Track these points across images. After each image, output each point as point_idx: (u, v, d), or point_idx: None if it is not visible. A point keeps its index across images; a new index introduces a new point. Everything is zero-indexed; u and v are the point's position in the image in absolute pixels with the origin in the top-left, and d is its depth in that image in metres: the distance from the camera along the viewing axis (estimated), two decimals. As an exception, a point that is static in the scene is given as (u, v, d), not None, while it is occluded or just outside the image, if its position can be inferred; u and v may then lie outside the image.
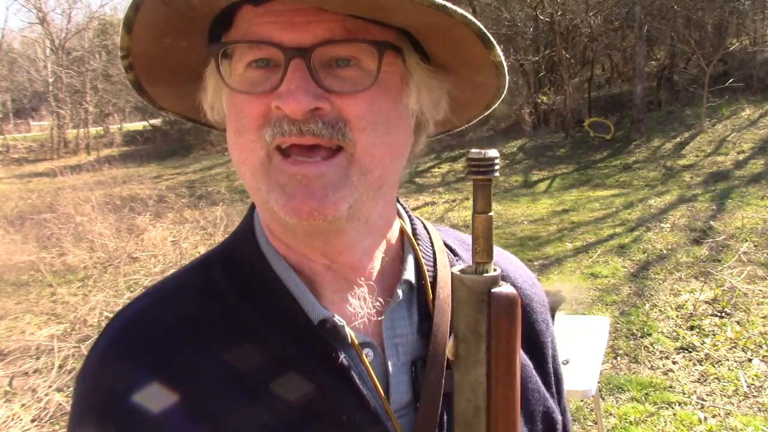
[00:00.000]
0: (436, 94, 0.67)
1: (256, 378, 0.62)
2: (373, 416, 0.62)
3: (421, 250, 0.71)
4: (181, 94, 0.72)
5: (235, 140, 0.62)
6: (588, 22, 15.59)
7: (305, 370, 0.62)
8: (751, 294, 5.08)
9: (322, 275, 0.66)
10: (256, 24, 0.59)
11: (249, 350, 0.62)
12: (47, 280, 7.31)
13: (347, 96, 0.58)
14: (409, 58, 0.63)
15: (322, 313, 0.63)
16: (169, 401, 0.61)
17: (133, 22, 0.60)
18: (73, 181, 16.55)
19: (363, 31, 0.58)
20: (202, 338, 0.63)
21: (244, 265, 0.68)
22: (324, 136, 0.58)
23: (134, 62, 0.65)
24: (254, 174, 0.61)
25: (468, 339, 0.37)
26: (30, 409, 4.22)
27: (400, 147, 0.65)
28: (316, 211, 0.58)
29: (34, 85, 39.99)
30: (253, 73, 0.60)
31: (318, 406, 0.61)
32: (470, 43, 0.59)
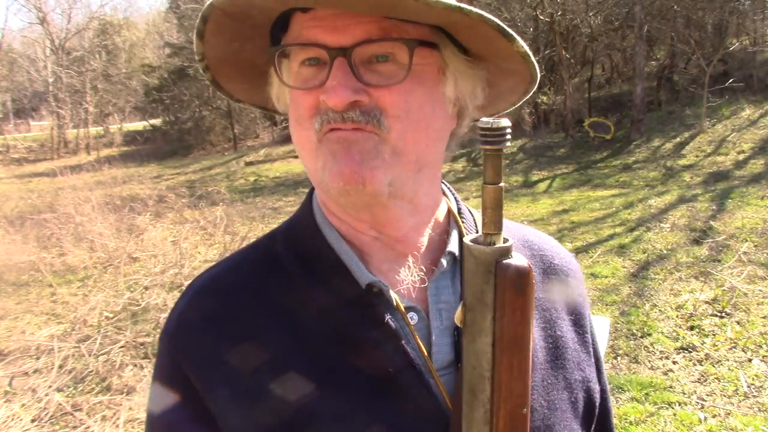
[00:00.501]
0: (473, 81, 0.74)
1: (311, 336, 0.70)
2: (417, 373, 0.68)
3: (466, 227, 0.78)
4: (253, 87, 0.81)
5: (295, 128, 0.72)
6: (588, 22, 15.59)
7: (354, 329, 0.70)
8: (751, 294, 5.08)
9: (370, 245, 0.74)
10: (306, 28, 0.68)
11: (305, 311, 0.71)
12: (47, 280, 7.31)
13: (383, 88, 0.66)
14: (445, 50, 0.70)
15: (368, 278, 0.71)
16: (236, 355, 0.70)
17: (203, 32, 0.71)
18: (73, 181, 16.54)
19: (397, 30, 0.66)
20: (265, 301, 0.73)
21: (302, 237, 0.77)
22: (362, 122, 0.66)
23: (209, 64, 0.76)
24: (311, 155, 0.70)
25: (474, 308, 0.38)
26: (30, 409, 4.22)
27: (436, 132, 0.72)
28: (356, 173, 0.66)
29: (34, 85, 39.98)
30: (305, 70, 0.70)
31: (366, 362, 0.69)
32: (494, 37, 0.67)
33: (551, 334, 0.78)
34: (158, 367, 0.77)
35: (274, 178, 16.13)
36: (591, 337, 0.84)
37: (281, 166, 17.53)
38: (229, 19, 0.69)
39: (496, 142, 0.38)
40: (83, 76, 29.50)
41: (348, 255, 0.73)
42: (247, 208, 11.48)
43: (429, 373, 0.69)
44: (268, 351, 0.70)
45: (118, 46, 32.96)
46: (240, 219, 10.25)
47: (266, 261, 0.77)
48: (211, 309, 0.74)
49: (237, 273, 0.78)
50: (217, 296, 0.75)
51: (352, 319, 0.70)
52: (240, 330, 0.72)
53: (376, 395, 0.68)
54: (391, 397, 0.68)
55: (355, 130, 0.67)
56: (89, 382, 4.62)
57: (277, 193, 13.66)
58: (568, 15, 15.50)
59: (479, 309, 0.38)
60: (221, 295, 0.75)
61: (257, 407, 0.69)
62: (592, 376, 0.81)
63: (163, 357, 0.76)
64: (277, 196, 13.19)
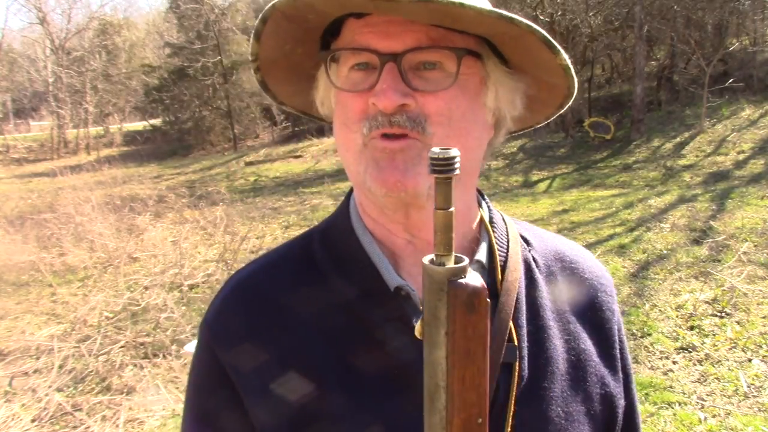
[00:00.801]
0: (512, 93, 0.76)
1: (340, 335, 0.73)
2: None
3: (496, 236, 0.80)
4: (297, 91, 0.84)
5: (340, 130, 0.74)
6: (588, 22, 15.59)
7: (382, 331, 0.72)
8: (751, 294, 5.08)
9: (402, 248, 0.76)
10: (358, 34, 0.70)
11: (336, 310, 0.74)
12: (47, 280, 7.31)
13: (430, 94, 0.69)
14: (488, 61, 0.73)
15: (397, 281, 0.73)
16: (267, 350, 0.74)
17: (261, 33, 0.73)
18: (73, 181, 16.55)
19: (445, 40, 0.69)
20: (299, 300, 0.76)
21: (336, 238, 0.80)
22: (407, 128, 0.68)
23: (261, 65, 0.79)
24: (355, 157, 0.72)
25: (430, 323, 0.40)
26: (30, 409, 4.23)
27: (475, 140, 0.75)
28: (400, 182, 0.68)
29: (34, 85, 39.99)
30: (355, 74, 0.72)
31: (392, 364, 0.70)
32: (538, 49, 0.69)
33: (574, 346, 0.79)
34: (196, 355, 0.80)
35: (274, 178, 16.14)
36: (619, 352, 0.84)
37: (281, 166, 17.54)
38: (287, 21, 0.71)
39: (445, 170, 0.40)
40: (83, 76, 29.50)
41: (379, 257, 0.75)
42: (247, 208, 11.48)
43: None
44: (297, 348, 0.73)
45: (118, 46, 32.96)
46: (240, 219, 10.25)
47: (302, 260, 0.80)
48: (248, 303, 0.78)
49: (274, 269, 0.81)
50: (253, 291, 0.79)
51: (379, 321, 0.72)
52: (272, 325, 0.75)
53: (401, 400, 0.69)
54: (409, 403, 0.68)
55: (400, 137, 0.69)
56: (89, 382, 4.62)
57: (277, 193, 13.65)
58: (568, 15, 15.50)
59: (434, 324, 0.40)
60: (258, 290, 0.79)
61: (283, 403, 0.71)
62: (617, 391, 0.81)
63: (201, 345, 0.79)
64: (277, 196, 13.19)
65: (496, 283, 0.76)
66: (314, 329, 0.74)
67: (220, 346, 0.76)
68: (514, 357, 0.72)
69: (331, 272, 0.77)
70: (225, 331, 0.77)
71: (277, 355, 0.73)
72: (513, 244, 0.81)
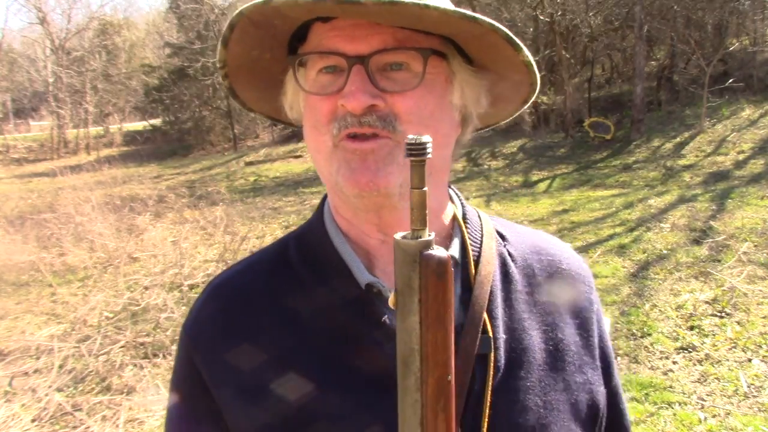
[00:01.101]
0: (477, 90, 0.78)
1: (314, 335, 0.74)
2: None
3: (469, 232, 0.81)
4: (266, 97, 0.86)
5: (310, 133, 0.76)
6: (588, 22, 15.59)
7: (355, 328, 0.73)
8: (751, 294, 5.08)
9: (377, 248, 0.78)
10: (325, 38, 0.72)
11: (309, 311, 0.76)
12: (47, 280, 7.31)
13: (398, 94, 0.70)
14: (453, 60, 0.75)
15: (368, 278, 0.74)
16: (242, 353, 0.75)
17: (228, 39, 0.74)
18: (73, 181, 16.55)
19: (411, 41, 0.70)
20: (274, 301, 0.78)
21: (311, 241, 0.82)
22: (378, 127, 0.70)
23: (229, 72, 0.80)
24: (326, 159, 0.74)
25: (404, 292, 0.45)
26: (30, 409, 4.23)
27: (444, 137, 0.76)
28: (372, 182, 0.70)
29: (34, 85, 39.99)
30: (323, 77, 0.73)
31: (366, 361, 0.72)
32: (501, 46, 0.71)
33: (552, 336, 0.80)
34: (176, 359, 0.82)
35: (274, 178, 16.13)
36: (599, 341, 0.85)
37: (281, 166, 17.54)
38: (254, 28, 0.72)
39: (419, 154, 0.45)
40: (83, 76, 29.50)
41: (351, 256, 0.77)
42: (247, 208, 11.48)
43: None
44: (272, 350, 0.74)
45: (118, 46, 32.96)
46: (240, 219, 10.24)
47: (277, 263, 0.81)
48: (223, 307, 0.80)
49: (250, 274, 0.83)
50: (229, 295, 0.81)
51: (352, 319, 0.74)
52: (248, 328, 0.77)
53: (376, 394, 0.70)
54: (391, 395, 0.70)
55: (371, 138, 0.70)
56: (89, 382, 4.62)
57: (277, 193, 13.65)
58: (568, 15, 15.50)
59: (408, 293, 0.45)
60: (234, 294, 0.81)
61: (259, 406, 0.72)
62: (596, 379, 0.82)
63: (180, 350, 0.81)
64: (277, 196, 13.19)
65: (470, 278, 0.77)
66: (289, 333, 0.75)
67: (198, 352, 0.78)
68: (489, 348, 0.73)
69: (306, 274, 0.78)
70: (202, 337, 0.79)
71: (250, 362, 0.74)
72: (487, 239, 0.82)
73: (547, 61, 16.96)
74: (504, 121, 0.91)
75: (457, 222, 0.83)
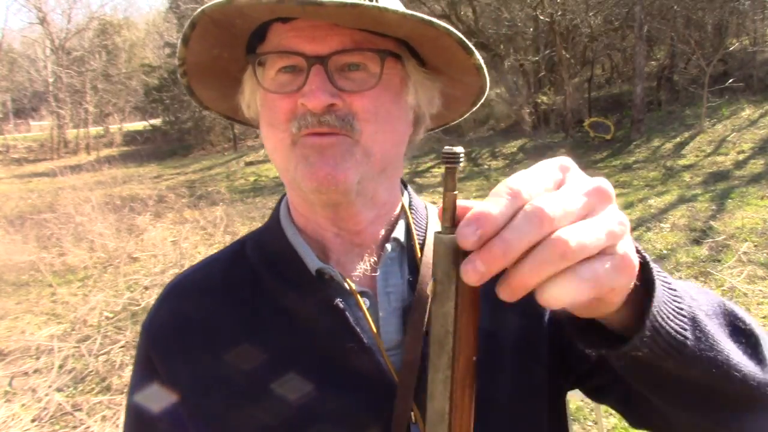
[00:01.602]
0: (430, 92, 0.81)
1: (269, 325, 0.78)
2: (366, 351, 0.75)
3: (414, 218, 0.85)
4: (223, 96, 0.87)
5: (268, 131, 0.77)
6: (588, 22, 15.59)
7: (307, 312, 0.77)
8: (751, 294, 5.08)
9: (332, 241, 0.81)
10: (285, 38, 0.74)
11: (265, 303, 0.79)
12: (47, 280, 7.31)
13: (356, 94, 0.73)
14: (407, 62, 0.78)
15: (318, 265, 0.78)
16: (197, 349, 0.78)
17: (189, 37, 0.75)
18: (73, 181, 16.55)
19: (368, 42, 0.73)
20: (228, 294, 0.81)
21: (266, 237, 0.85)
22: (336, 127, 0.72)
23: (188, 70, 0.81)
24: (284, 156, 0.76)
25: (443, 281, 0.50)
26: (30, 409, 4.23)
27: (399, 135, 0.79)
28: (330, 175, 0.72)
29: (34, 85, 39.99)
30: (282, 77, 0.75)
31: (318, 341, 0.75)
32: (454, 50, 0.74)
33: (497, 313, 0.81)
34: (136, 355, 0.85)
35: (274, 178, 16.13)
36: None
37: (281, 166, 17.51)
38: (214, 26, 0.73)
39: (453, 162, 0.52)
40: (83, 76, 29.51)
41: (303, 247, 0.80)
42: (247, 208, 11.48)
43: (379, 352, 0.75)
44: (226, 343, 0.78)
45: (118, 46, 32.96)
46: (240, 219, 10.24)
47: (234, 260, 0.85)
48: (179, 306, 0.83)
49: (206, 272, 0.86)
50: (185, 294, 0.84)
51: (305, 306, 0.77)
52: (203, 325, 0.80)
53: (328, 375, 0.74)
54: (342, 376, 0.74)
55: (330, 134, 0.72)
56: (89, 382, 4.62)
57: (277, 193, 13.65)
58: (568, 15, 15.50)
59: (446, 282, 0.50)
60: (190, 292, 0.84)
61: (212, 398, 0.76)
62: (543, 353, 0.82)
63: (139, 349, 0.84)
64: (277, 196, 13.16)
65: (416, 260, 0.81)
66: (244, 324, 0.78)
67: (155, 349, 0.80)
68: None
69: (261, 268, 0.81)
70: (159, 335, 0.82)
71: (210, 356, 0.77)
72: (432, 225, 0.85)
73: (547, 61, 16.96)
74: (454, 122, 0.94)
75: (403, 210, 0.86)
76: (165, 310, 0.84)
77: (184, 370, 0.77)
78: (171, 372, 0.78)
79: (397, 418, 0.72)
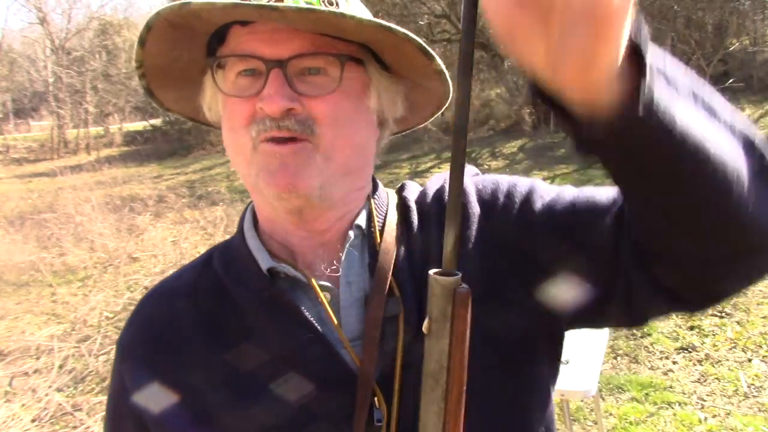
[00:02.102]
0: (394, 95, 0.81)
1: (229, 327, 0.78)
2: (326, 345, 0.74)
3: (376, 204, 0.84)
4: (184, 97, 0.86)
5: (229, 136, 0.77)
6: (588, 22, 15.56)
7: (263, 312, 0.76)
8: (751, 294, 5.08)
9: (299, 245, 0.80)
10: (244, 41, 0.73)
11: (224, 307, 0.79)
12: (47, 280, 7.31)
13: (315, 98, 0.72)
14: (369, 67, 0.77)
15: (269, 264, 0.78)
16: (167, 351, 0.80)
17: (145, 39, 0.74)
18: (73, 181, 16.55)
19: (329, 46, 0.72)
20: (194, 303, 0.81)
21: (231, 244, 0.86)
22: (296, 131, 0.72)
23: (146, 72, 0.80)
24: (245, 162, 0.75)
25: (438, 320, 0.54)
26: (30, 409, 4.23)
27: (361, 139, 0.78)
28: (291, 184, 0.72)
29: (34, 85, 39.99)
30: (242, 80, 0.74)
31: (276, 340, 0.75)
32: (414, 55, 0.74)
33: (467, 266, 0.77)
34: (112, 371, 0.88)
35: (274, 178, 16.12)
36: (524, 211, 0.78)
37: (281, 166, 17.52)
38: (171, 29, 0.73)
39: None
40: (83, 76, 29.51)
41: (259, 251, 0.80)
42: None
43: (341, 344, 0.75)
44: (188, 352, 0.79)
45: (118, 46, 32.96)
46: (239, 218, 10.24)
47: (201, 269, 0.86)
48: (149, 316, 0.85)
49: (178, 280, 0.87)
50: (156, 304, 0.86)
51: (260, 307, 0.77)
52: (171, 335, 0.81)
53: (290, 375, 0.74)
54: (305, 374, 0.74)
55: (289, 140, 0.72)
56: (89, 382, 4.62)
57: (277, 193, 13.62)
58: (568, 15, 15.48)
59: (442, 320, 0.54)
60: (160, 302, 0.85)
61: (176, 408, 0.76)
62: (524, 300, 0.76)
63: (114, 363, 0.86)
64: (277, 196, 13.16)
65: (375, 245, 0.80)
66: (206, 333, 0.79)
67: (124, 361, 0.83)
68: (398, 309, 0.74)
69: (223, 274, 0.82)
70: (130, 345, 0.84)
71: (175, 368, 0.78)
72: (391, 212, 0.84)
73: (547, 61, 16.94)
74: (419, 126, 0.92)
75: (367, 199, 0.85)
76: (135, 324, 0.85)
77: (151, 384, 0.78)
78: (137, 385, 0.79)
79: (360, 404, 0.71)
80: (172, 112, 0.91)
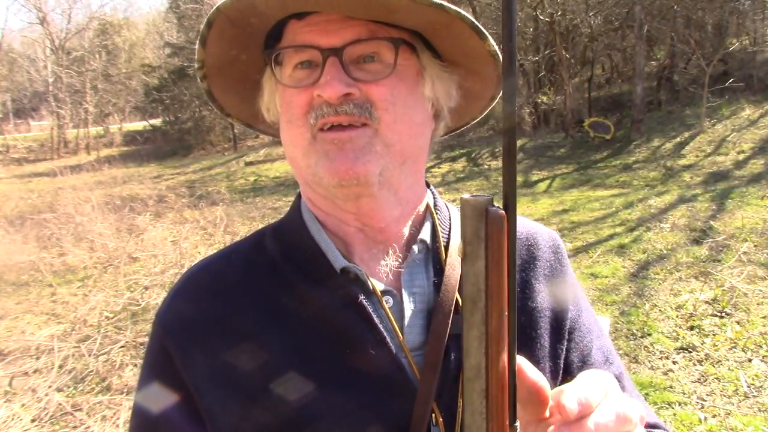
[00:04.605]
0: (448, 84, 0.80)
1: (290, 320, 0.76)
2: (389, 351, 0.73)
3: (439, 219, 0.85)
4: (242, 100, 0.87)
5: (287, 127, 0.77)
6: (588, 22, 15.59)
7: (330, 310, 0.75)
8: (751, 294, 5.08)
9: (353, 236, 0.80)
10: (300, 33, 0.74)
11: (285, 297, 0.77)
12: (47, 280, 7.31)
13: (372, 83, 0.73)
14: (422, 54, 0.78)
15: (343, 263, 0.77)
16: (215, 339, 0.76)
17: (206, 38, 0.75)
18: (73, 181, 16.55)
19: (382, 32, 0.73)
20: (248, 288, 0.79)
21: (287, 231, 0.84)
22: (355, 115, 0.72)
23: (207, 72, 0.80)
24: (304, 152, 0.75)
25: (473, 241, 0.52)
26: (30, 409, 4.22)
27: (418, 126, 0.78)
28: (351, 170, 0.72)
29: (34, 85, 39.99)
30: (299, 72, 0.75)
31: (342, 343, 0.74)
32: (467, 36, 0.74)
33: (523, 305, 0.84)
34: (148, 347, 0.82)
35: (274, 178, 16.13)
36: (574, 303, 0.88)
37: (281, 166, 17.53)
38: (231, 26, 0.74)
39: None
40: (83, 76, 29.51)
41: (327, 244, 0.79)
42: (247, 208, 11.47)
43: (402, 353, 0.74)
44: (245, 336, 0.76)
45: (118, 46, 32.97)
46: (240, 219, 10.24)
47: (253, 252, 0.83)
48: (196, 296, 0.81)
49: (225, 262, 0.83)
50: (203, 284, 0.82)
51: (328, 303, 0.76)
52: (221, 316, 0.78)
53: (350, 372, 0.73)
54: (365, 375, 0.73)
55: (349, 128, 0.72)
56: (89, 382, 4.62)
57: (277, 193, 13.65)
58: (568, 15, 15.50)
59: (476, 242, 0.52)
60: (207, 283, 0.81)
61: (227, 391, 0.74)
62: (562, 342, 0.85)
63: (152, 339, 0.81)
64: (277, 196, 13.19)
65: (441, 262, 0.80)
66: (264, 317, 0.76)
67: (170, 339, 0.78)
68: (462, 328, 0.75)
69: (282, 261, 0.80)
70: (175, 324, 0.79)
71: (228, 347, 0.75)
72: (455, 226, 0.85)
73: (547, 61, 16.96)
74: (474, 121, 0.93)
75: (429, 211, 0.86)
76: (181, 301, 0.81)
77: (203, 362, 0.76)
78: (188, 363, 0.76)
79: (417, 419, 0.71)
80: (231, 118, 0.90)
